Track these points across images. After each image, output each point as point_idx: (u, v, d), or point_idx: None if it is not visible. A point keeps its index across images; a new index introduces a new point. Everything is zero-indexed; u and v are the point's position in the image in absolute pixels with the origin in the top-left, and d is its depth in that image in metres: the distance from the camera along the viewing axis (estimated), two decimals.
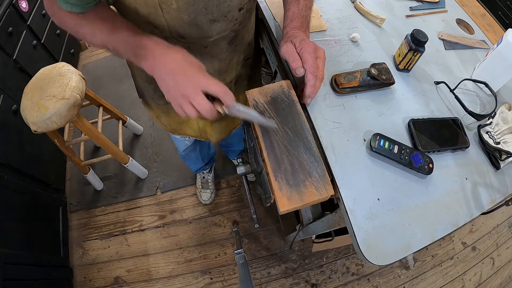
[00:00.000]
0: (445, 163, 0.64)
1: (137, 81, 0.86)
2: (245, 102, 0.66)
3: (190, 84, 0.51)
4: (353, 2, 0.88)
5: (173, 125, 0.95)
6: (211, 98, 0.53)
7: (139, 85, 0.87)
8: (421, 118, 0.68)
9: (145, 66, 0.54)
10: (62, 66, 1.26)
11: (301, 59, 0.61)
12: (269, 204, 0.63)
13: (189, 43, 0.63)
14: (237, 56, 0.77)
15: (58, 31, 1.92)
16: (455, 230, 0.59)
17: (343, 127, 0.66)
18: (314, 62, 0.60)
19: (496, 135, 0.67)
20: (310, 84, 0.61)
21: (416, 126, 0.66)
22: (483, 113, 0.69)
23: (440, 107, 0.72)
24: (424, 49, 0.69)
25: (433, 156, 0.63)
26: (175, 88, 0.51)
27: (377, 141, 0.61)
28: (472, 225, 1.62)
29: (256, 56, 0.90)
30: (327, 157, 0.62)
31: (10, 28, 1.46)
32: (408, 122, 0.67)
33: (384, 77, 0.69)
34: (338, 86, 0.69)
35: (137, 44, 0.53)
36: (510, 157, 0.64)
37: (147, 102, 0.91)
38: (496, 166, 0.65)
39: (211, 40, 0.64)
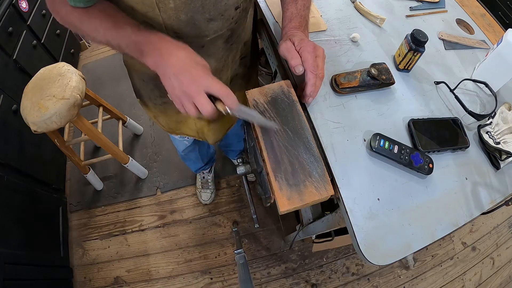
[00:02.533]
0: (445, 163, 0.64)
1: (134, 81, 0.86)
2: (243, 101, 0.66)
3: (193, 84, 0.51)
4: (353, 2, 0.88)
5: (171, 124, 0.95)
6: (213, 97, 0.53)
7: (136, 85, 0.87)
8: (421, 118, 0.68)
9: (149, 62, 0.54)
10: (62, 66, 1.26)
11: (300, 58, 0.61)
12: (269, 204, 0.63)
13: (185, 42, 0.63)
14: (233, 55, 0.77)
15: (58, 31, 1.92)
16: (455, 230, 0.59)
17: (343, 127, 0.66)
18: (313, 61, 0.60)
19: (496, 135, 0.67)
20: (310, 83, 0.61)
21: (416, 126, 0.66)
22: (483, 113, 0.69)
23: (440, 107, 0.72)
24: (424, 49, 0.69)
25: (433, 156, 0.63)
26: (179, 87, 0.52)
27: (377, 141, 0.61)
28: (472, 225, 1.62)
29: (252, 55, 0.90)
30: (327, 157, 0.62)
31: (10, 28, 1.46)
32: (408, 122, 0.67)
33: (384, 77, 0.69)
34: (338, 86, 0.69)
35: (141, 40, 0.53)
36: (510, 157, 0.64)
37: (144, 102, 0.91)
38: (496, 166, 0.65)
39: (208, 39, 0.64)
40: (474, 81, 0.74)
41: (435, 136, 0.65)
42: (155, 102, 0.87)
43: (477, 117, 0.68)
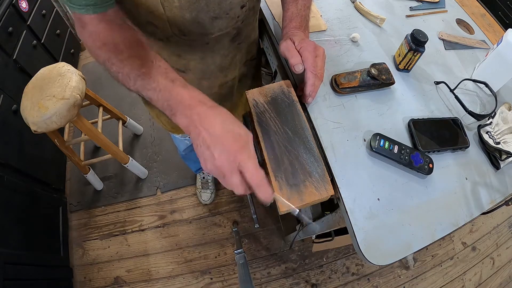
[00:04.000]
0: (445, 163, 0.64)
1: None
2: (246, 101, 0.66)
3: (225, 160, 0.45)
4: (353, 2, 0.88)
5: (173, 124, 0.95)
6: None
7: None
8: (421, 118, 0.68)
9: (180, 125, 0.49)
10: (62, 66, 1.26)
11: (300, 57, 0.61)
12: (269, 204, 0.63)
13: (190, 39, 0.63)
14: (241, 54, 0.77)
15: (58, 31, 1.91)
16: (455, 230, 0.59)
17: (343, 127, 0.66)
18: (313, 61, 0.60)
19: (496, 135, 0.67)
20: (310, 83, 0.61)
21: (416, 126, 0.66)
22: (483, 113, 0.69)
23: (440, 107, 0.72)
24: (424, 49, 0.69)
25: (433, 156, 0.63)
26: (210, 160, 0.46)
27: (377, 141, 0.61)
28: (472, 225, 1.62)
29: (259, 56, 0.90)
30: (327, 157, 0.62)
31: (10, 28, 1.46)
32: (408, 122, 0.67)
33: (384, 77, 0.69)
34: (338, 86, 0.69)
35: (172, 98, 0.48)
36: (510, 157, 0.64)
37: (147, 101, 0.91)
38: (496, 166, 0.65)
39: (213, 36, 0.64)
40: (474, 81, 0.74)
41: (435, 136, 0.65)
42: None
43: (477, 117, 0.68)
